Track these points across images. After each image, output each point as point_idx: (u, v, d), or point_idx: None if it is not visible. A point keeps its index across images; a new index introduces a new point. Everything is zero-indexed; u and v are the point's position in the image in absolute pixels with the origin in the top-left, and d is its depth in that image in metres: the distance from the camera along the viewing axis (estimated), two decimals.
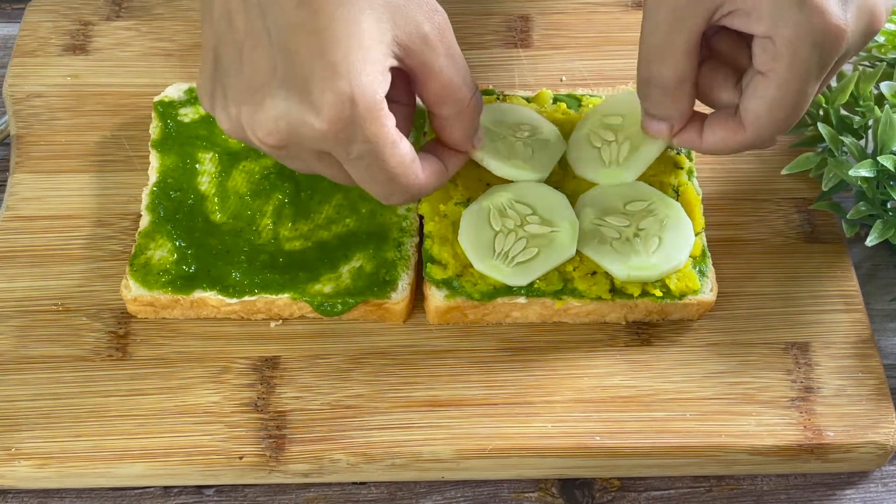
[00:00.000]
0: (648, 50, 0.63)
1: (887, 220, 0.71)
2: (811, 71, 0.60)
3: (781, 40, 0.59)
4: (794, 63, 0.60)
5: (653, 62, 0.64)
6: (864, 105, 0.75)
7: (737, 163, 0.79)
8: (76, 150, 0.79)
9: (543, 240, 0.69)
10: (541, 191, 0.71)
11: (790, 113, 0.62)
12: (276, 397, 0.68)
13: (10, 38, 0.89)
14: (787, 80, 0.60)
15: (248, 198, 0.73)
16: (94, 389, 0.68)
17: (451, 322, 0.71)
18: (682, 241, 0.69)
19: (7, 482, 0.66)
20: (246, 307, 0.70)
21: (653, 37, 0.63)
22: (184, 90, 0.79)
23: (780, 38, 0.59)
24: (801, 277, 0.74)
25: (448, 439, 0.66)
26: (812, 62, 0.60)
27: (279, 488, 0.68)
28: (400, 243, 0.72)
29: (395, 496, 0.67)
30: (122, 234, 0.74)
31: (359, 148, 0.59)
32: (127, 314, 0.71)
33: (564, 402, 0.68)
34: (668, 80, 0.64)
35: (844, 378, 0.69)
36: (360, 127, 0.58)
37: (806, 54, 0.59)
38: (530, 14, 0.88)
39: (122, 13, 0.87)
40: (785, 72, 0.60)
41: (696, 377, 0.69)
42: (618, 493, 0.68)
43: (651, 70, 0.64)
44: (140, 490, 0.67)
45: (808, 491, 0.68)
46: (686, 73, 0.63)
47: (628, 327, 0.71)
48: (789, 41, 0.59)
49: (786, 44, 0.59)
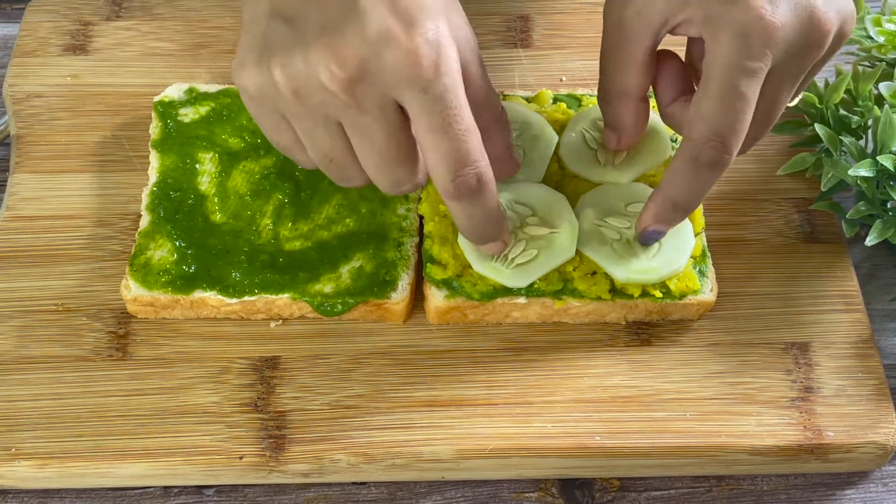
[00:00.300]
0: (602, 63, 0.66)
1: (887, 220, 0.71)
2: (739, 65, 0.60)
3: (710, 35, 0.60)
4: (719, 55, 0.60)
5: (605, 75, 0.66)
6: (862, 105, 0.75)
7: (737, 163, 0.79)
8: (76, 150, 0.79)
9: (543, 241, 0.69)
10: (540, 191, 0.71)
11: (723, 113, 0.60)
12: (276, 397, 0.68)
13: (10, 38, 0.89)
14: (715, 75, 0.60)
15: (248, 198, 0.73)
16: (95, 389, 0.68)
17: (451, 322, 0.71)
18: (682, 245, 0.69)
19: (7, 482, 0.66)
20: (246, 307, 0.70)
21: (607, 51, 0.65)
22: (184, 90, 0.79)
23: (710, 33, 0.60)
24: (801, 277, 0.74)
25: (448, 439, 0.66)
26: (739, 54, 0.59)
27: (279, 488, 0.68)
28: (400, 243, 0.72)
29: (395, 496, 0.67)
30: (122, 234, 0.74)
31: (436, 91, 0.57)
32: (127, 314, 0.71)
33: (564, 402, 0.68)
34: (613, 90, 0.66)
35: (844, 378, 0.69)
36: (444, 72, 0.57)
37: (730, 46, 0.60)
38: (530, 14, 0.88)
39: (122, 13, 0.87)
40: (713, 65, 0.60)
41: (697, 377, 0.69)
42: (618, 493, 0.68)
43: (601, 76, 0.66)
44: (140, 490, 0.67)
45: (808, 491, 0.68)
46: (634, 86, 0.65)
47: (628, 327, 0.71)
48: (715, 34, 0.60)
49: (713, 37, 0.60)
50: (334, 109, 0.59)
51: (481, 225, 0.64)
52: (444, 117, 0.58)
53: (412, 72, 0.57)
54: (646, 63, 0.64)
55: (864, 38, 0.78)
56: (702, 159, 0.62)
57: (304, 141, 0.63)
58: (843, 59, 0.85)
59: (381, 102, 0.59)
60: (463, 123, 0.59)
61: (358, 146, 0.61)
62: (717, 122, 0.61)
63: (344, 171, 0.64)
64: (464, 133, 0.59)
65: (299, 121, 0.61)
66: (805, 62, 0.62)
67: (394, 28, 0.57)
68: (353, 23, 0.57)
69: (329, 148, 0.62)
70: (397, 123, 0.60)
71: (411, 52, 0.57)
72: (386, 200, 0.74)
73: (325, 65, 0.57)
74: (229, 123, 0.77)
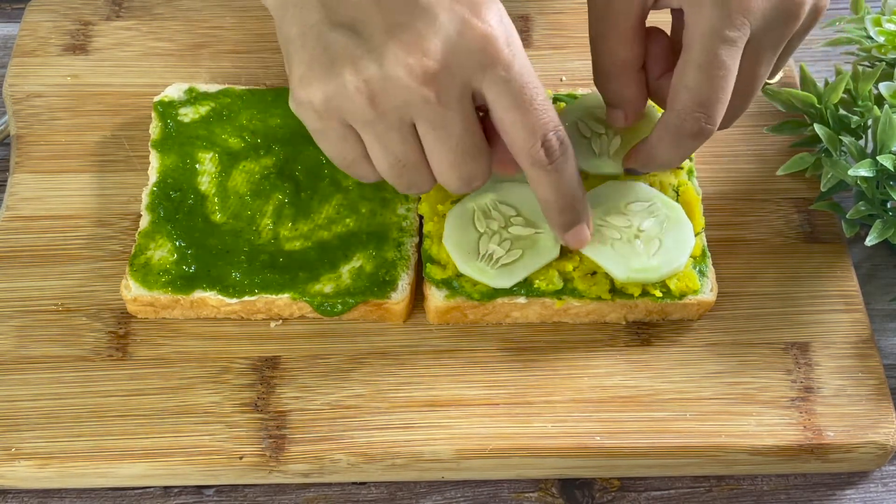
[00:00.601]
0: (593, 42, 0.67)
1: (887, 220, 0.71)
2: (718, 34, 0.61)
3: (690, 6, 0.62)
4: (699, 25, 0.61)
5: (596, 49, 0.67)
6: (862, 105, 0.75)
7: (737, 163, 0.79)
8: (76, 150, 0.79)
9: (527, 241, 0.69)
10: (525, 192, 0.71)
11: (705, 82, 0.62)
12: (276, 397, 0.68)
13: (10, 38, 0.89)
14: (696, 45, 0.62)
15: (248, 198, 0.73)
16: (95, 389, 0.68)
17: (451, 322, 0.71)
18: (682, 244, 0.69)
19: (7, 482, 0.66)
20: (246, 307, 0.70)
21: (597, 28, 0.66)
22: (184, 90, 0.79)
23: (689, 4, 0.62)
24: (801, 277, 0.74)
25: (448, 439, 0.66)
26: (718, 24, 0.61)
27: (279, 488, 0.68)
28: (400, 243, 0.72)
29: (395, 496, 0.67)
30: (122, 234, 0.74)
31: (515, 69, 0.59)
32: (127, 314, 0.71)
33: (564, 402, 0.68)
34: (611, 66, 0.67)
35: (844, 378, 0.69)
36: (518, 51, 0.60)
37: (710, 16, 0.61)
38: (530, 14, 0.88)
39: (122, 13, 0.87)
40: (693, 35, 0.62)
41: (696, 377, 0.69)
42: (618, 493, 0.68)
43: (596, 57, 0.67)
44: (140, 490, 0.67)
45: (808, 491, 0.68)
46: (628, 58, 0.66)
47: (628, 327, 0.71)
48: (695, 5, 0.62)
49: (693, 8, 0.62)
50: (412, 109, 0.60)
51: (568, 197, 0.65)
52: (525, 93, 0.60)
53: (492, 54, 0.59)
54: (636, 34, 0.66)
55: (864, 38, 0.78)
56: (685, 129, 0.63)
57: (375, 149, 0.62)
58: (843, 59, 0.85)
59: (461, 93, 0.60)
60: (541, 95, 0.61)
61: (433, 145, 0.62)
62: (699, 90, 0.62)
63: (414, 176, 0.63)
64: (543, 103, 0.61)
65: (371, 128, 0.61)
66: (782, 33, 0.63)
67: (465, 15, 0.58)
68: (421, 18, 0.58)
69: (402, 152, 0.62)
70: (473, 116, 0.61)
71: (487, 36, 0.58)
72: (386, 200, 0.74)
73: (403, 62, 0.58)
74: (229, 123, 0.77)
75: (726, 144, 0.80)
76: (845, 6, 0.88)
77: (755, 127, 0.80)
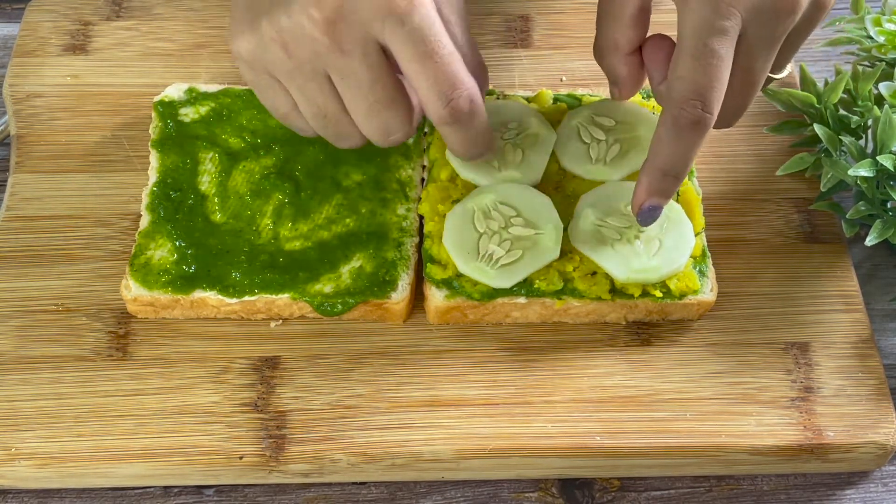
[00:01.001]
0: (597, 15, 0.69)
1: (887, 220, 0.71)
2: (709, 24, 0.62)
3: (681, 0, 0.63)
4: (690, 17, 0.62)
5: (598, 31, 0.69)
6: (862, 105, 0.75)
7: (737, 163, 0.79)
8: (76, 150, 0.79)
9: (527, 242, 0.70)
10: (525, 193, 0.71)
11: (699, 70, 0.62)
12: (276, 397, 0.68)
13: (10, 38, 0.89)
14: (688, 35, 0.62)
15: (248, 198, 0.73)
16: (95, 389, 0.68)
17: (451, 322, 0.71)
18: (682, 244, 0.69)
19: (7, 482, 0.66)
20: (246, 307, 0.70)
21: (601, 10, 0.69)
22: (184, 90, 0.79)
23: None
24: (801, 277, 0.74)
25: (448, 439, 0.66)
26: (709, 14, 0.61)
27: (279, 488, 0.68)
28: (400, 243, 0.72)
29: (395, 496, 0.67)
30: (122, 234, 0.74)
31: (413, 21, 0.59)
32: (127, 314, 0.71)
33: (564, 402, 0.68)
34: (605, 44, 0.69)
35: (844, 378, 0.69)
36: (417, 3, 0.59)
37: (700, 7, 0.62)
38: (530, 14, 0.88)
39: (122, 13, 0.87)
40: (685, 27, 0.62)
41: (696, 377, 0.69)
42: (618, 493, 0.68)
43: (597, 37, 0.69)
44: (140, 490, 0.67)
45: (808, 491, 0.68)
46: (622, 40, 0.68)
47: (628, 327, 0.71)
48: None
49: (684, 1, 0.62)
50: (321, 59, 0.61)
51: (474, 144, 0.66)
52: (425, 44, 0.60)
53: (387, 5, 0.59)
54: (633, 21, 0.67)
55: (864, 38, 0.78)
56: (683, 119, 0.63)
57: (299, 101, 0.65)
58: (843, 58, 0.85)
59: (363, 41, 0.61)
60: (445, 48, 0.61)
61: (346, 95, 0.63)
62: (693, 79, 0.62)
63: (339, 128, 0.65)
64: (448, 57, 0.61)
65: (292, 79, 0.63)
66: (777, 28, 0.63)
67: None
68: None
69: (322, 103, 0.64)
70: (381, 65, 0.62)
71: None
72: (386, 200, 0.74)
73: (305, 12, 0.60)
74: (229, 123, 0.77)
75: (726, 144, 0.80)
76: (845, 6, 0.88)
77: (755, 127, 0.80)
